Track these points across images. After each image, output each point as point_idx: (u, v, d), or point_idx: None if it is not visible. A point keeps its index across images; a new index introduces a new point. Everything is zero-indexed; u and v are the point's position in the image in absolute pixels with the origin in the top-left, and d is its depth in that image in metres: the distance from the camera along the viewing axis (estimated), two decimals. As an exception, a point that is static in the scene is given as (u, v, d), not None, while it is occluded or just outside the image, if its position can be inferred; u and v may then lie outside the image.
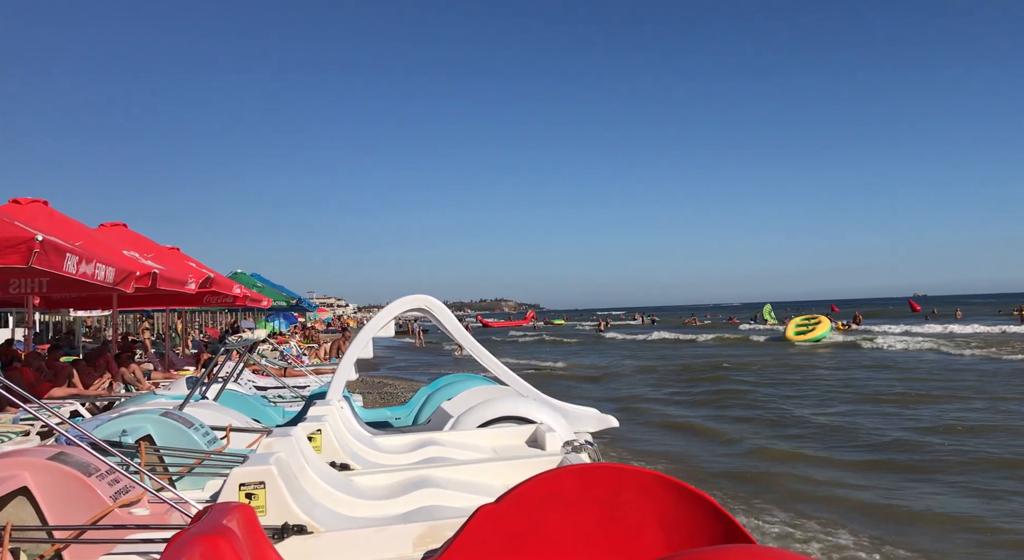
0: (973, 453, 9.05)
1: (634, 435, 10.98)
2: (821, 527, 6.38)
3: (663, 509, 2.25)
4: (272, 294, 19.73)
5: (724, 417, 12.81)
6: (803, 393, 15.50)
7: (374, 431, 5.32)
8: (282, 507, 2.58)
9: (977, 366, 20.73)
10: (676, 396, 16.09)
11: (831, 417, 12.24)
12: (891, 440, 10.10)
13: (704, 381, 18.73)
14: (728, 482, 8.16)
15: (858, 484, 7.91)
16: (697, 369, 21.99)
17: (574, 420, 5.39)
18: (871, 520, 6.63)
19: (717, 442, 10.67)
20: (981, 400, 13.63)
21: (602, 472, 2.33)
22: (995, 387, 15.72)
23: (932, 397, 14.18)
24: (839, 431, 10.97)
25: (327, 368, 11.43)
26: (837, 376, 19.13)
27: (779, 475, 8.40)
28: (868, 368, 20.80)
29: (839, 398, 14.56)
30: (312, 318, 53.91)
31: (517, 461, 3.72)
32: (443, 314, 5.45)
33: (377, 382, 18.28)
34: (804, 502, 7.27)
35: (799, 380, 18.22)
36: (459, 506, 3.03)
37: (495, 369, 5.64)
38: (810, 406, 13.60)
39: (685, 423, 12.38)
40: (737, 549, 1.49)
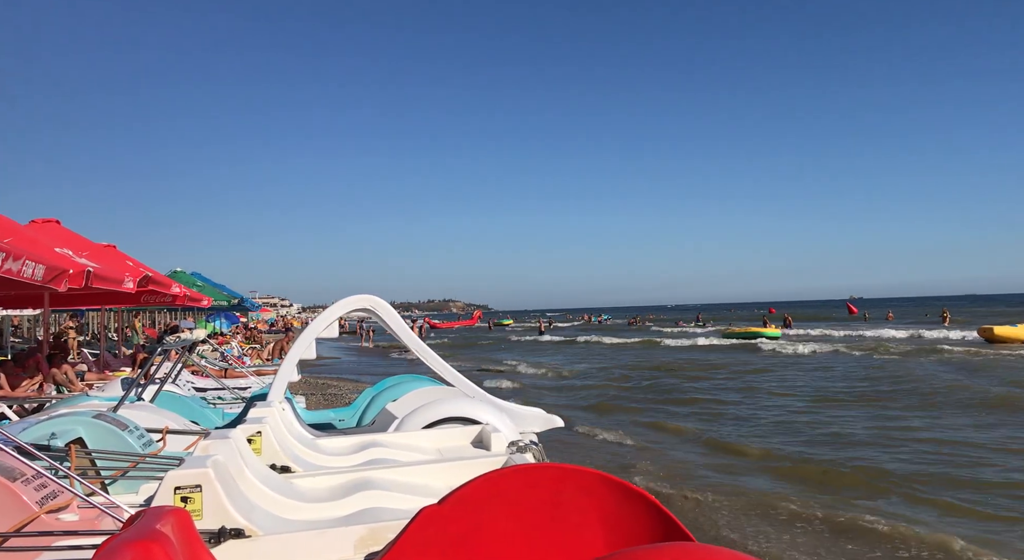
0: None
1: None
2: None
3: (605, 508, 2.27)
4: (213, 293, 19.29)
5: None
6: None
7: (316, 433, 5.24)
8: (219, 511, 2.52)
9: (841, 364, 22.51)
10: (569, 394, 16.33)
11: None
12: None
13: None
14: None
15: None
16: (593, 373, 22.60)
17: (520, 420, 5.40)
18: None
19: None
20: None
21: (545, 472, 2.34)
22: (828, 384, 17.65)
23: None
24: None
25: (269, 369, 11.22)
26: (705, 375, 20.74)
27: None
28: (740, 371, 21.67)
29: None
30: (255, 318, 52.95)
31: (462, 462, 3.70)
32: (388, 314, 5.40)
33: (321, 383, 18.04)
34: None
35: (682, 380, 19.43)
36: (402, 508, 3.00)
37: (441, 370, 5.61)
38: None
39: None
40: (676, 547, 1.50)
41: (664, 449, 10.35)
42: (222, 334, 25.04)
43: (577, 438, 11.17)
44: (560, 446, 10.19)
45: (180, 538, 1.95)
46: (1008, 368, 19.50)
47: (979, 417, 12.08)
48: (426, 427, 4.86)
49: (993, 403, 13.41)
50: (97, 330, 19.36)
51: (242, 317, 38.72)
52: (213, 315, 28.87)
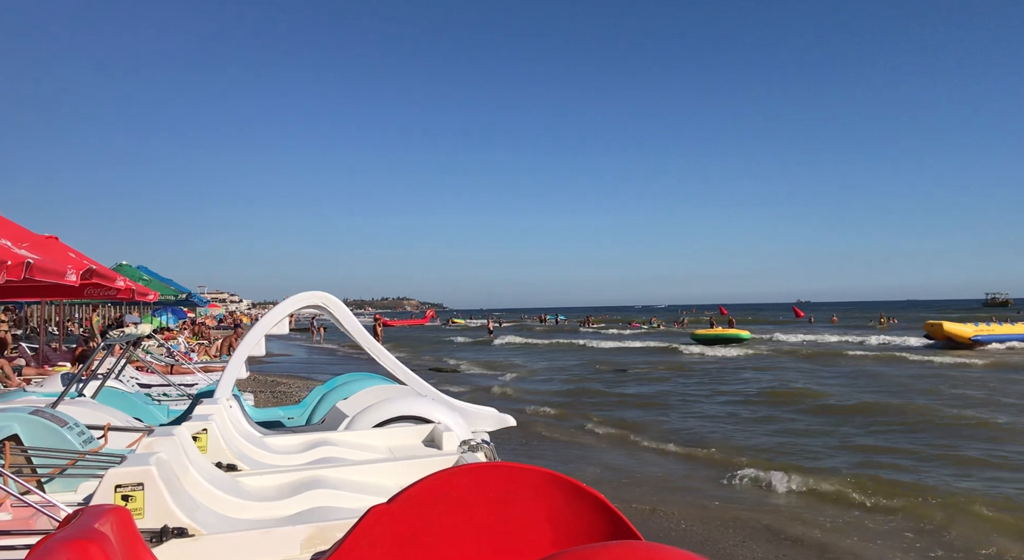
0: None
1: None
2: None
3: (554, 507, 2.28)
4: (160, 288, 18.86)
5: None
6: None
7: (265, 431, 5.16)
8: (161, 509, 2.47)
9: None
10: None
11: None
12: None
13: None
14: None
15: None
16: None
17: (472, 419, 5.40)
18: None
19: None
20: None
21: (495, 471, 2.34)
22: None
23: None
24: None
25: (217, 366, 11.00)
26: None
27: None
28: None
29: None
30: (203, 314, 51.89)
31: (413, 461, 3.69)
32: (340, 311, 5.34)
33: (270, 381, 17.77)
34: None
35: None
36: (351, 507, 2.97)
37: (393, 368, 5.58)
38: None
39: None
40: (623, 545, 1.52)
41: (616, 451, 10.44)
42: (169, 329, 24.50)
43: (532, 437, 11.20)
44: (515, 445, 10.24)
45: (120, 537, 1.90)
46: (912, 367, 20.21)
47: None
48: (377, 426, 4.82)
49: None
50: (37, 324, 18.73)
51: (190, 312, 37.94)
52: (160, 310, 28.26)
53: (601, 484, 8.14)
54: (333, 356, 31.37)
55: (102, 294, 11.60)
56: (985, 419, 12.07)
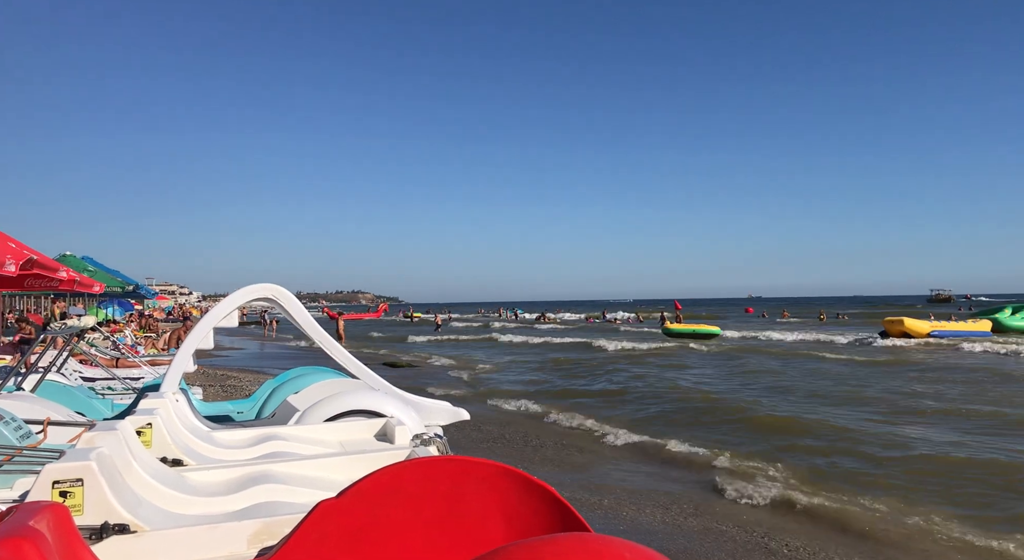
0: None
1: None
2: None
3: (505, 500, 2.28)
4: (105, 279, 18.36)
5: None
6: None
7: (213, 425, 5.07)
8: (102, 506, 2.40)
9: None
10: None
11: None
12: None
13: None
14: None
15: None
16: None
17: (425, 413, 5.37)
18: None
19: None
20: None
21: (446, 465, 2.33)
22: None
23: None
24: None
25: (164, 359, 10.76)
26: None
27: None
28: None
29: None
30: (151, 306, 50.76)
31: (364, 455, 3.65)
32: (291, 304, 5.26)
33: (220, 374, 17.47)
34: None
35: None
36: (300, 502, 2.94)
37: (345, 362, 5.52)
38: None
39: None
40: (571, 537, 1.53)
41: (574, 445, 10.50)
42: (115, 322, 23.87)
43: (488, 431, 11.21)
44: (471, 440, 10.23)
45: (56, 535, 1.84)
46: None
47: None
48: (328, 420, 4.77)
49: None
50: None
51: (137, 304, 37.04)
52: (105, 302, 27.51)
53: (555, 477, 8.19)
54: (286, 349, 30.95)
55: (44, 285, 11.23)
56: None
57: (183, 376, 5.21)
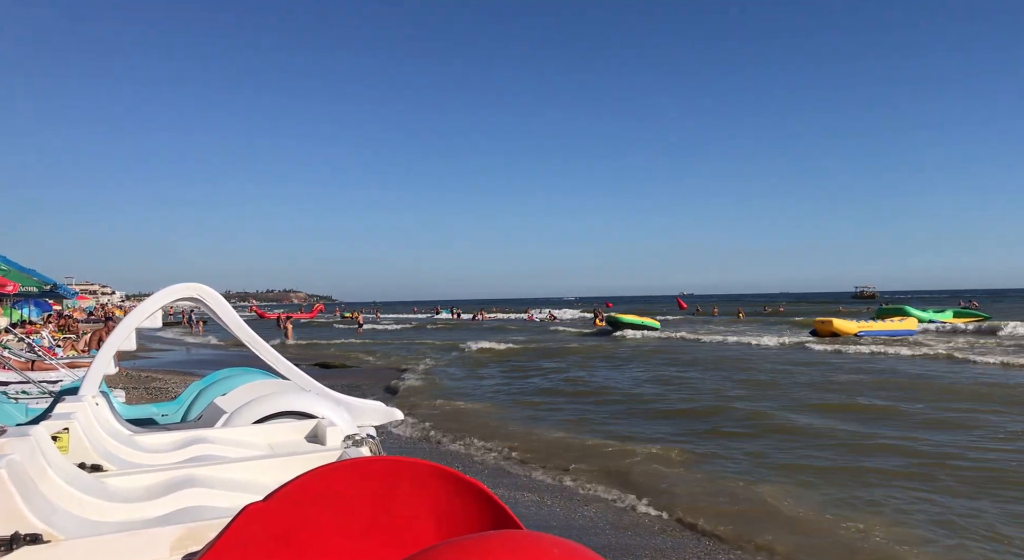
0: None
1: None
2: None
3: (437, 499, 2.27)
4: (20, 278, 17.52)
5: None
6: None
7: (135, 429, 4.89)
8: (13, 515, 2.29)
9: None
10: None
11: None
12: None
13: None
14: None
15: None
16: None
17: (358, 414, 5.31)
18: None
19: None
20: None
21: (377, 465, 2.31)
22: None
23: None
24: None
25: (84, 361, 10.34)
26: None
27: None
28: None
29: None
30: (71, 306, 48.79)
31: (294, 457, 3.58)
32: (218, 304, 5.12)
33: (144, 376, 16.92)
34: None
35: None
36: (226, 506, 2.86)
37: (274, 363, 5.41)
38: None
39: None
40: (503, 534, 1.53)
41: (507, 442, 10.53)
42: (31, 323, 22.83)
43: (423, 432, 11.15)
44: (405, 441, 10.15)
45: (-39, 546, 1.75)
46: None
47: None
48: (257, 422, 4.66)
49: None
50: None
51: (56, 305, 35.48)
52: (20, 302, 26.28)
53: (490, 476, 8.20)
54: (215, 351, 30.14)
55: (-48, 284, 10.67)
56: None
57: (104, 378, 5.02)
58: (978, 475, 7.97)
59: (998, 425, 10.80)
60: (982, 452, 9.05)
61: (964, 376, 17.19)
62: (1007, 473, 8.06)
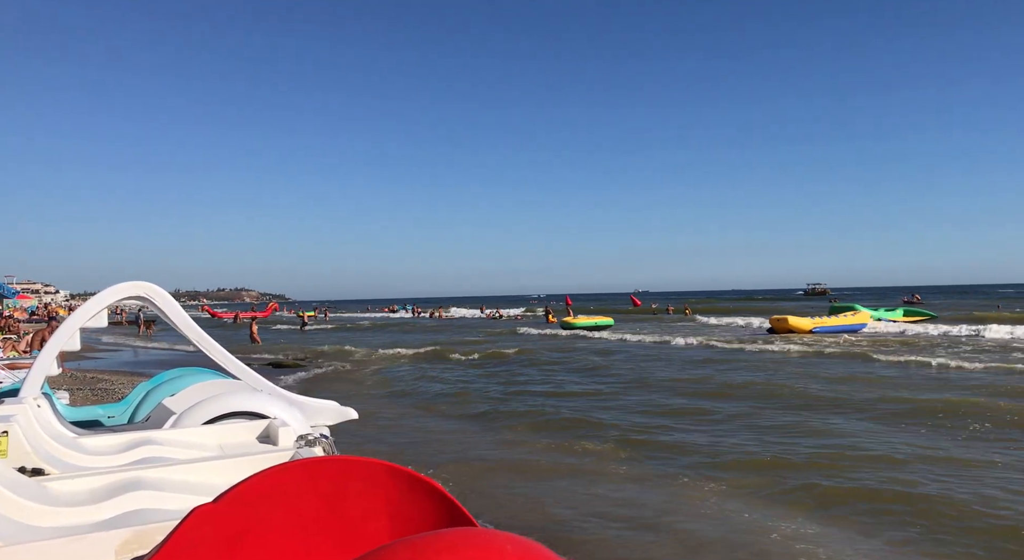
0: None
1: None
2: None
3: (391, 498, 2.26)
4: (-43, 277, 16.91)
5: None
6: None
7: (80, 431, 4.77)
8: (-53, 522, 2.21)
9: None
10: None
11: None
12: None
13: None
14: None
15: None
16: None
17: (311, 413, 5.25)
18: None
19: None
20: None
21: (329, 465, 2.28)
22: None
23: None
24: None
25: (25, 362, 10.02)
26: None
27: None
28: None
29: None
30: (11, 305, 47.27)
31: (245, 458, 3.53)
32: (166, 302, 5.01)
33: (90, 377, 16.47)
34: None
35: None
36: (174, 509, 2.81)
37: (225, 362, 5.32)
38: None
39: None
40: (455, 531, 1.53)
41: (464, 441, 10.52)
42: (-32, 323, 22.03)
43: (377, 430, 11.06)
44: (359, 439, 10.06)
45: None
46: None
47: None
48: (208, 423, 4.58)
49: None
50: None
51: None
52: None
53: (446, 474, 8.18)
54: (164, 351, 29.46)
55: None
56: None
57: (47, 380, 4.88)
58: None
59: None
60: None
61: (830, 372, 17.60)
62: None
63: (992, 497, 6.99)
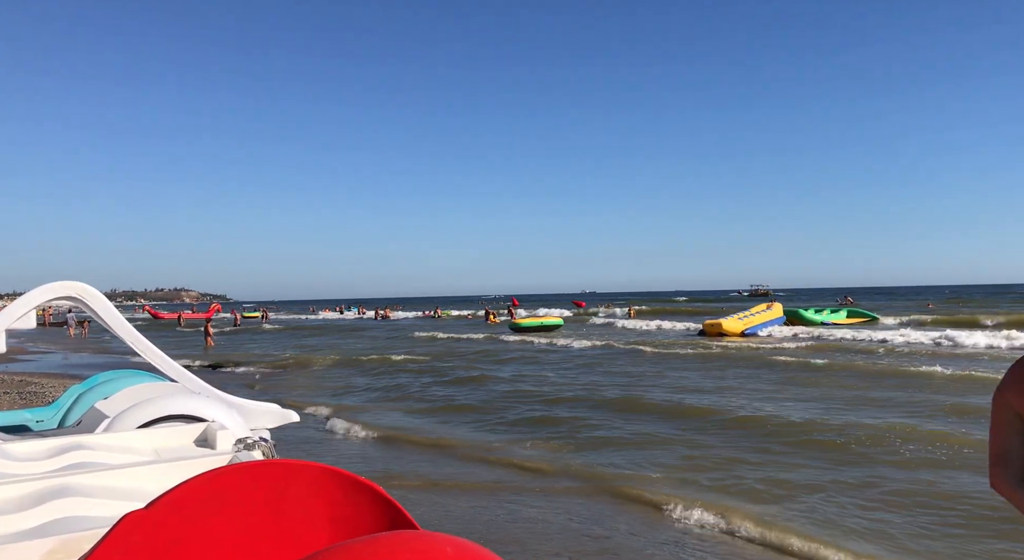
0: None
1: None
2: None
3: (332, 502, 2.23)
4: None
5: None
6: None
7: (5, 437, 4.58)
8: None
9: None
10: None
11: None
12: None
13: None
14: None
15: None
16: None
17: (252, 416, 5.15)
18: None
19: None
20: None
21: (268, 469, 2.24)
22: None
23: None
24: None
25: (-52, 365, 9.61)
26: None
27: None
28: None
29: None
30: (-67, 306, 45.13)
31: (181, 463, 3.43)
32: (98, 303, 4.85)
33: (19, 380, 15.86)
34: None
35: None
36: (105, 516, 2.71)
37: (162, 364, 5.17)
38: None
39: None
40: (396, 535, 1.52)
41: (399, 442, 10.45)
42: None
43: (318, 433, 10.90)
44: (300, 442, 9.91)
45: None
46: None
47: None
48: (143, 426, 4.44)
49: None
50: None
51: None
52: None
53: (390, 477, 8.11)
54: (99, 353, 28.53)
55: None
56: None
57: (-31, 383, 4.67)
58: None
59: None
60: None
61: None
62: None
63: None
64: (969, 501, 6.79)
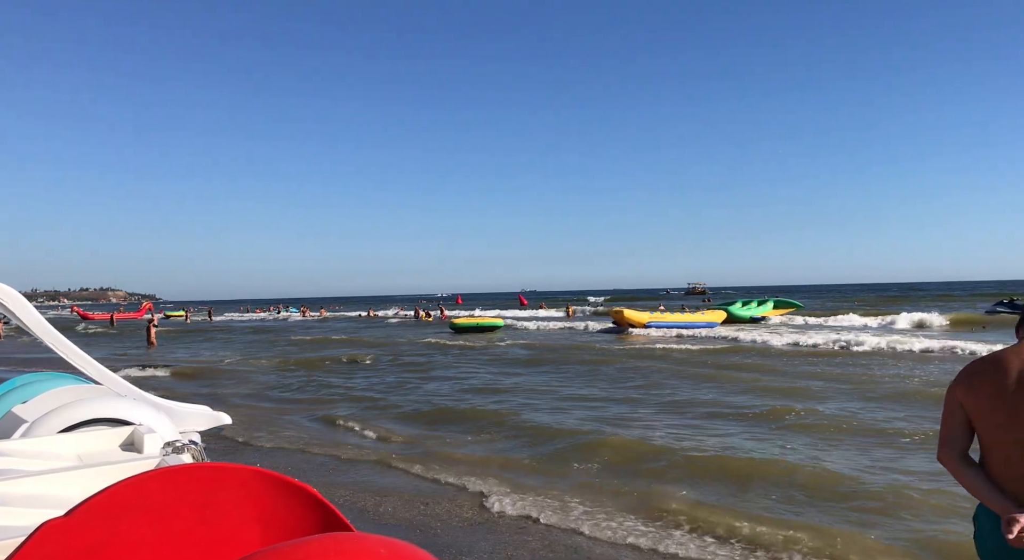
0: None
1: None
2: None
3: (263, 505, 2.19)
4: None
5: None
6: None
7: (-87, 445, 4.34)
8: None
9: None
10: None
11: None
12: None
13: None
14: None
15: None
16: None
17: (181, 419, 5.01)
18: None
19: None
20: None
21: (197, 472, 2.18)
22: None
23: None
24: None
25: None
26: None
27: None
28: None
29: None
30: None
31: (105, 468, 3.31)
32: (15, 302, 4.63)
33: (-71, 385, 15.03)
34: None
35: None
36: (22, 524, 2.59)
37: (85, 366, 4.98)
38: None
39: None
40: (326, 537, 1.50)
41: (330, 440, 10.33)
42: None
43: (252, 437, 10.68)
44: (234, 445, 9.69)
45: None
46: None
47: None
48: (65, 431, 4.27)
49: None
50: None
51: None
52: None
53: (326, 477, 8.00)
54: (19, 355, 27.33)
55: None
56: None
57: None
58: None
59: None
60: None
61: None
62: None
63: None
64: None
